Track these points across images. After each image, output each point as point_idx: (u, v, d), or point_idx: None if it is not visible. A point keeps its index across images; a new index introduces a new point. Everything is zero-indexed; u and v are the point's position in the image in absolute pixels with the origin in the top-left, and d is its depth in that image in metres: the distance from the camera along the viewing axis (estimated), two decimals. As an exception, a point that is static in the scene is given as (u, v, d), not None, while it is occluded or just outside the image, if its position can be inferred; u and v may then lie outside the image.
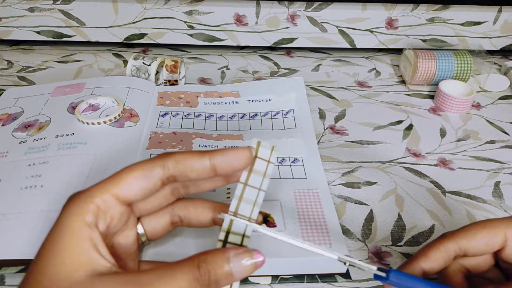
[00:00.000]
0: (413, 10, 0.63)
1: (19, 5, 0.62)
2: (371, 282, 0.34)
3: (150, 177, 0.25)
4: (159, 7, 0.62)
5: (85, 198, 0.24)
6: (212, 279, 0.22)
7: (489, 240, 0.24)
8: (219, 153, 0.26)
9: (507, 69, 0.63)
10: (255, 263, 0.23)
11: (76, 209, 0.24)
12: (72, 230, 0.23)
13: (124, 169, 0.26)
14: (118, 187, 0.25)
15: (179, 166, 0.26)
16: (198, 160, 0.26)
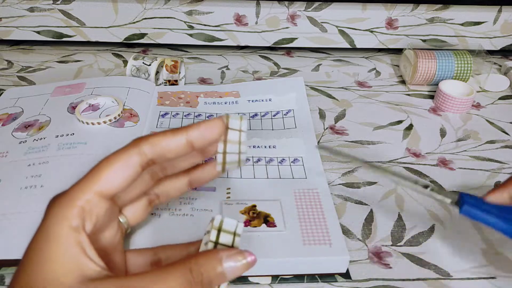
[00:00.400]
0: (413, 10, 0.63)
1: (19, 5, 0.62)
2: (371, 282, 0.34)
3: (129, 166, 0.25)
4: (159, 7, 0.62)
5: (68, 202, 0.24)
6: (205, 281, 0.23)
7: (177, 140, 0.26)
8: (193, 127, 0.26)
9: (507, 69, 0.63)
10: (247, 263, 0.24)
11: (60, 214, 0.23)
12: (58, 236, 0.23)
13: (101, 163, 0.25)
14: (99, 183, 0.24)
15: (155, 149, 0.25)
16: (173, 138, 0.26)
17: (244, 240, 0.34)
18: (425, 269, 0.35)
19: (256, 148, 0.44)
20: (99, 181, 0.24)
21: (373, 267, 0.35)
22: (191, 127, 0.26)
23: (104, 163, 0.25)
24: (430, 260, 0.36)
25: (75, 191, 0.24)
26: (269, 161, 0.42)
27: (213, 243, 0.24)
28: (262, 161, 0.42)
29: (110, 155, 0.25)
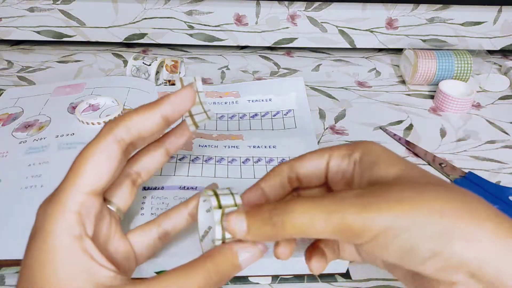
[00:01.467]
0: (413, 10, 0.63)
1: (19, 5, 0.62)
2: (371, 282, 0.34)
3: (112, 157, 0.24)
4: (159, 7, 0.62)
5: (63, 210, 0.23)
6: (224, 277, 0.23)
7: (315, 165, 0.26)
8: (165, 102, 0.25)
9: (507, 69, 0.63)
10: (260, 251, 0.23)
11: (58, 225, 0.22)
12: (63, 248, 0.22)
13: (81, 159, 0.24)
14: (87, 182, 0.23)
15: (132, 132, 0.25)
16: (148, 117, 0.25)
17: (244, 240, 0.34)
18: (425, 269, 0.35)
19: (256, 148, 0.44)
20: (86, 179, 0.23)
21: (373, 267, 0.35)
22: (162, 102, 0.25)
23: (84, 159, 0.24)
24: (430, 260, 0.36)
25: (65, 196, 0.23)
26: (269, 161, 0.42)
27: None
28: (262, 161, 0.42)
29: (87, 149, 0.24)
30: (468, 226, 0.19)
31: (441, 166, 0.44)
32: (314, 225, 0.20)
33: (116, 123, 0.24)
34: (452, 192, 0.20)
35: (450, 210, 0.19)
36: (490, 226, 0.19)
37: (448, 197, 0.20)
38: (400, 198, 0.20)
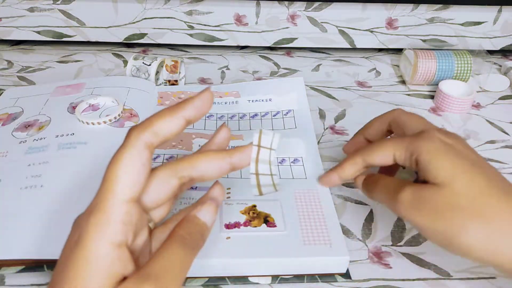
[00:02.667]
0: (413, 10, 0.63)
1: (19, 5, 0.62)
2: (371, 282, 0.34)
3: (145, 163, 0.25)
4: (159, 7, 0.62)
5: (107, 219, 0.23)
6: (197, 238, 0.26)
7: (383, 158, 0.33)
8: (188, 105, 0.26)
9: (507, 69, 0.63)
10: (214, 206, 0.27)
11: (103, 234, 0.23)
12: (103, 256, 0.23)
13: (115, 168, 0.24)
14: (129, 190, 0.24)
15: (159, 136, 0.25)
16: (173, 121, 0.26)
17: (244, 240, 0.34)
18: (425, 269, 0.35)
19: (256, 148, 0.44)
20: (125, 187, 0.24)
21: (373, 267, 0.35)
22: (186, 105, 0.26)
23: (119, 167, 0.24)
24: (430, 260, 0.36)
25: (108, 206, 0.23)
26: (269, 161, 0.42)
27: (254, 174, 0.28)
28: (262, 161, 0.42)
29: (119, 157, 0.24)
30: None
31: None
32: (381, 200, 0.33)
33: (144, 129, 0.25)
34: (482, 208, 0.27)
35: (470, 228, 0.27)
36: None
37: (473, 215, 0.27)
38: (437, 210, 0.28)
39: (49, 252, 0.33)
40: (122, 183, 0.24)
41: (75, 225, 0.25)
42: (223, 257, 0.32)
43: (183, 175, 0.26)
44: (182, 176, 0.26)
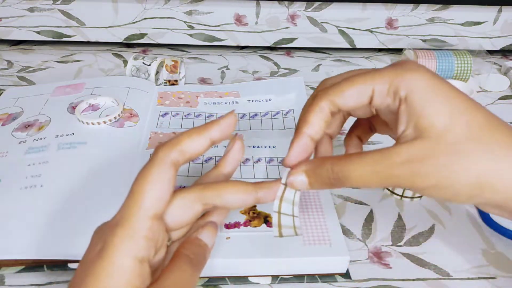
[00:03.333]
0: (413, 10, 0.63)
1: (19, 5, 0.62)
2: (371, 282, 0.34)
3: (171, 180, 0.25)
4: (159, 7, 0.62)
5: (133, 234, 0.24)
6: (200, 258, 0.27)
7: (358, 96, 0.26)
8: (215, 127, 0.27)
9: (507, 69, 0.63)
10: (213, 228, 0.28)
11: (128, 248, 0.23)
12: (126, 270, 0.23)
13: (144, 185, 0.25)
14: (155, 206, 0.24)
15: (185, 155, 0.26)
16: (199, 141, 0.26)
17: (244, 240, 0.34)
18: (425, 269, 0.35)
19: (256, 148, 0.44)
20: (151, 203, 0.24)
21: (373, 267, 0.35)
22: (212, 127, 0.27)
23: (147, 183, 0.25)
24: (430, 260, 0.36)
25: (134, 220, 0.24)
26: (269, 161, 0.42)
27: (277, 213, 0.28)
28: (262, 161, 0.42)
29: (147, 173, 0.25)
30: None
31: None
32: (368, 185, 0.25)
33: (172, 147, 0.26)
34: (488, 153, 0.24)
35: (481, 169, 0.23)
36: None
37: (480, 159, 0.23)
38: (444, 164, 0.23)
39: (49, 252, 0.33)
40: (149, 198, 0.24)
41: (97, 235, 0.25)
42: (223, 257, 0.32)
43: (208, 202, 0.27)
44: (207, 203, 0.27)
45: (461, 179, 0.24)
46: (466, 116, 0.24)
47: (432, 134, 0.24)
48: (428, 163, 0.24)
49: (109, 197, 0.37)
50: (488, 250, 0.37)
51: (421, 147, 0.24)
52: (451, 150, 0.23)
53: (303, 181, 0.27)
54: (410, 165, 0.24)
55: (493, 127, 0.24)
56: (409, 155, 0.24)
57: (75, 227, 0.34)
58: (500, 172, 0.23)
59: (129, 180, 0.39)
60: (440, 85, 0.25)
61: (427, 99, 0.24)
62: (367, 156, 0.25)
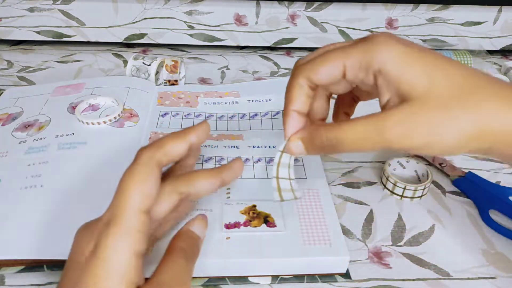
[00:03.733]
0: (413, 10, 0.63)
1: (19, 5, 0.62)
2: (371, 282, 0.34)
3: (157, 179, 0.27)
4: (159, 7, 0.62)
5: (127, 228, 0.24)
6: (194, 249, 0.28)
7: (330, 72, 0.28)
8: (193, 133, 0.29)
9: (507, 69, 0.63)
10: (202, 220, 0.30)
11: (124, 243, 0.24)
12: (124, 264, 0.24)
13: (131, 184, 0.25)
14: (144, 202, 0.25)
15: (168, 157, 0.28)
16: (180, 145, 0.28)
17: (244, 240, 0.34)
18: (425, 269, 0.35)
19: (256, 148, 0.44)
20: (141, 199, 0.25)
21: (373, 267, 0.35)
22: (190, 133, 0.29)
23: (134, 182, 0.26)
24: (430, 260, 0.36)
25: (127, 216, 0.24)
26: (269, 161, 0.42)
27: (276, 178, 0.31)
28: (262, 161, 0.42)
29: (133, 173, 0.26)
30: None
31: (441, 165, 0.44)
32: (361, 149, 0.26)
33: (156, 149, 0.27)
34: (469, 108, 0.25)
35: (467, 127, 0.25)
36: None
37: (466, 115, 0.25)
38: (431, 122, 0.25)
39: (49, 252, 0.33)
40: (137, 194, 0.25)
41: (85, 235, 0.25)
42: (223, 257, 0.32)
43: (182, 191, 0.28)
44: (181, 192, 0.28)
45: (449, 132, 0.25)
46: (444, 77, 0.25)
47: (415, 96, 0.25)
48: (416, 122, 0.25)
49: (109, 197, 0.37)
50: (488, 250, 0.37)
51: (408, 109, 0.25)
52: (435, 108, 0.25)
53: (299, 146, 0.29)
54: (400, 126, 0.25)
55: (472, 83, 0.25)
56: (397, 117, 0.25)
57: (75, 227, 0.34)
58: (481, 122, 0.25)
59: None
60: (412, 51, 0.26)
61: (402, 67, 0.25)
62: (359, 121, 0.27)
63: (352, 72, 0.27)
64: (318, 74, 0.28)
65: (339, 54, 0.27)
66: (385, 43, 0.26)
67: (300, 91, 0.29)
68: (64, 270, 0.25)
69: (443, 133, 0.25)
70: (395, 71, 0.26)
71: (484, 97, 0.25)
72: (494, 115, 0.25)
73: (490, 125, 0.25)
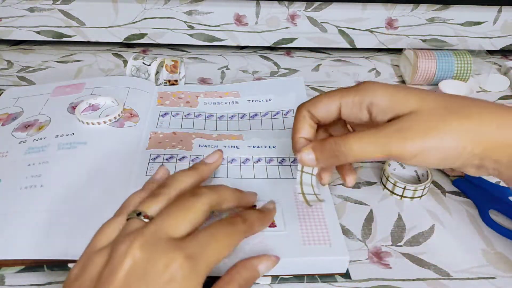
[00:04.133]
0: (413, 10, 0.63)
1: (19, 5, 0.62)
2: (371, 282, 0.34)
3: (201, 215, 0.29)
4: (159, 7, 0.62)
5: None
6: (248, 284, 0.29)
7: (328, 107, 0.32)
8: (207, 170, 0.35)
9: (507, 69, 0.63)
10: (274, 261, 0.31)
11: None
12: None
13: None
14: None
15: (218, 206, 0.30)
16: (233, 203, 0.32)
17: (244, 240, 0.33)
18: (425, 269, 0.35)
19: (256, 148, 0.44)
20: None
21: (373, 267, 0.35)
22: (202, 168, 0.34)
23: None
24: (430, 260, 0.36)
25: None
26: (269, 161, 0.42)
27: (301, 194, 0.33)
28: (262, 161, 0.42)
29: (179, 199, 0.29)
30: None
31: None
32: (366, 156, 0.29)
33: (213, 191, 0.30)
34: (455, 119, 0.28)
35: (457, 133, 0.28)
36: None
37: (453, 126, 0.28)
38: (427, 129, 0.28)
39: (49, 252, 0.33)
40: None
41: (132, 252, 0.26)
42: (223, 257, 0.32)
43: (211, 205, 0.30)
44: (210, 206, 0.30)
45: (443, 139, 0.28)
46: (431, 97, 0.29)
47: (409, 111, 0.29)
48: (414, 130, 0.28)
49: (109, 197, 0.37)
50: (488, 250, 0.37)
51: (405, 120, 0.29)
52: (429, 118, 0.28)
53: (311, 155, 0.32)
54: (401, 133, 0.28)
55: (456, 100, 0.29)
56: (398, 126, 0.29)
57: (75, 227, 0.34)
58: (472, 128, 0.28)
59: (129, 180, 0.39)
60: (395, 86, 0.31)
61: (392, 96, 0.30)
62: (363, 132, 0.30)
63: (347, 108, 0.32)
64: (317, 108, 0.33)
65: (336, 94, 0.32)
66: (372, 84, 0.31)
67: (303, 121, 0.34)
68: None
69: (437, 141, 0.28)
70: (386, 99, 0.30)
71: (472, 110, 0.29)
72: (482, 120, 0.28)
73: (479, 128, 0.28)
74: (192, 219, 0.27)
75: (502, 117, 0.28)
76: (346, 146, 0.30)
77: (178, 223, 0.27)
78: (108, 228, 0.28)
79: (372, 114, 0.31)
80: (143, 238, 0.25)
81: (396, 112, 0.29)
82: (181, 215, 0.27)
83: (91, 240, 0.28)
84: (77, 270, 0.26)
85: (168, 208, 0.28)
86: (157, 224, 0.26)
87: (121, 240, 0.26)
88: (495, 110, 0.29)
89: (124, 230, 0.27)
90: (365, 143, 0.29)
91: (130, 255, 0.25)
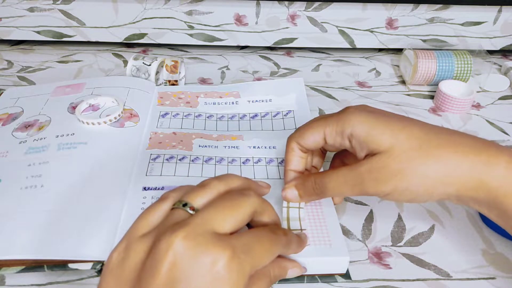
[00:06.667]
0: (413, 10, 0.63)
1: (19, 5, 0.62)
2: (371, 282, 0.34)
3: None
4: (159, 7, 0.62)
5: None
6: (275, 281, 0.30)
7: (314, 138, 0.33)
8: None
9: (507, 69, 0.63)
10: (302, 271, 0.32)
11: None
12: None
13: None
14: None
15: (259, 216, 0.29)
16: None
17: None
18: (425, 269, 0.35)
19: (256, 148, 0.44)
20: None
21: (373, 267, 0.35)
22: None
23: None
24: (430, 260, 0.36)
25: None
26: (269, 161, 0.42)
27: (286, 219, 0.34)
28: (262, 162, 0.42)
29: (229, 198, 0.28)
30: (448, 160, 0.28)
31: None
32: (343, 193, 0.32)
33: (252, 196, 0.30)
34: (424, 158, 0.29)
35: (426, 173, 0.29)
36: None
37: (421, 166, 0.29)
38: (396, 172, 0.29)
39: (49, 252, 0.33)
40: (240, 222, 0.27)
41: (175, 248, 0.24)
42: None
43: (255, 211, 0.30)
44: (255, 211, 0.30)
45: (412, 181, 0.29)
46: (404, 132, 0.30)
47: (382, 151, 0.29)
48: (384, 171, 0.29)
49: (109, 197, 0.37)
50: (488, 250, 0.37)
51: (377, 160, 0.29)
52: (399, 160, 0.29)
53: (294, 193, 0.34)
54: (371, 174, 0.29)
55: (429, 135, 0.29)
56: (369, 166, 0.30)
57: (75, 227, 0.34)
58: (441, 171, 0.28)
59: (129, 180, 0.39)
60: (377, 116, 0.31)
61: (369, 129, 0.30)
62: (341, 169, 0.31)
63: (331, 137, 0.33)
64: (304, 139, 0.34)
65: (321, 123, 0.33)
66: (353, 113, 0.31)
67: (293, 153, 0.35)
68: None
69: (407, 181, 0.29)
70: (363, 133, 0.30)
71: (445, 151, 0.29)
72: (454, 162, 0.28)
73: (449, 171, 0.28)
74: (238, 218, 0.26)
75: (476, 156, 0.28)
76: (322, 185, 0.32)
77: (226, 219, 0.26)
78: (150, 215, 0.27)
79: (352, 143, 0.32)
80: (188, 231, 0.24)
81: (371, 150, 0.30)
82: (229, 212, 0.26)
83: (132, 225, 0.27)
84: (118, 255, 0.25)
85: (215, 202, 0.27)
86: (203, 217, 0.25)
87: (165, 231, 0.25)
88: (470, 149, 0.29)
89: (169, 220, 0.26)
90: (341, 183, 0.31)
91: (174, 248, 0.23)
